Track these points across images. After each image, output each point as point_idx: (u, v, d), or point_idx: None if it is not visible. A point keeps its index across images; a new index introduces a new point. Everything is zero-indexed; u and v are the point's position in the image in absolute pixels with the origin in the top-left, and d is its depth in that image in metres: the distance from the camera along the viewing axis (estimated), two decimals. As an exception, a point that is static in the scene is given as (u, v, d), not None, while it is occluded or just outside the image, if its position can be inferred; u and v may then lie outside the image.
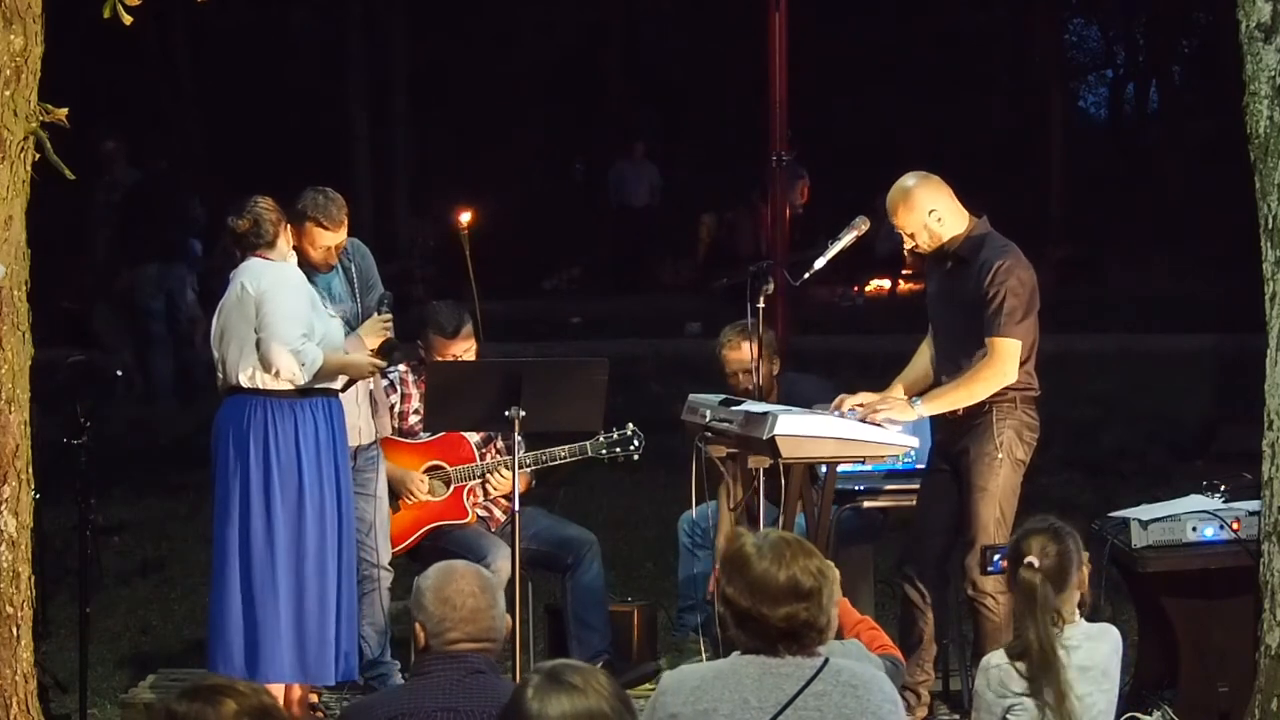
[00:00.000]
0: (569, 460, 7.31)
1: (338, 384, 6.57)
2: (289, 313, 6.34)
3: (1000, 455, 6.45)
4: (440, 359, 7.19)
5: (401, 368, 7.36)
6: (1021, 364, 6.48)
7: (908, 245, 6.66)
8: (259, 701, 3.49)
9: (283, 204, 6.57)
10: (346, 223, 6.88)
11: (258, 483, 6.36)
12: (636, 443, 7.30)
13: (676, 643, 7.28)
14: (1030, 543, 5.10)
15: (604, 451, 7.29)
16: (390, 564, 7.07)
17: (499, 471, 7.23)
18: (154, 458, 12.01)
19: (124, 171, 14.02)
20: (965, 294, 6.54)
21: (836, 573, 5.20)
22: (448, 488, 7.26)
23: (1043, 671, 4.97)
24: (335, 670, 6.47)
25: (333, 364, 6.44)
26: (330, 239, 6.83)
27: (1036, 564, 5.05)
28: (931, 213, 6.53)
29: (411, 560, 7.22)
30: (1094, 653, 5.06)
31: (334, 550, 6.45)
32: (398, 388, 7.33)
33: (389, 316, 6.95)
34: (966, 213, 6.60)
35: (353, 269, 7.05)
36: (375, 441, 7.00)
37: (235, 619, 6.37)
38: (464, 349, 7.23)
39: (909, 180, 6.61)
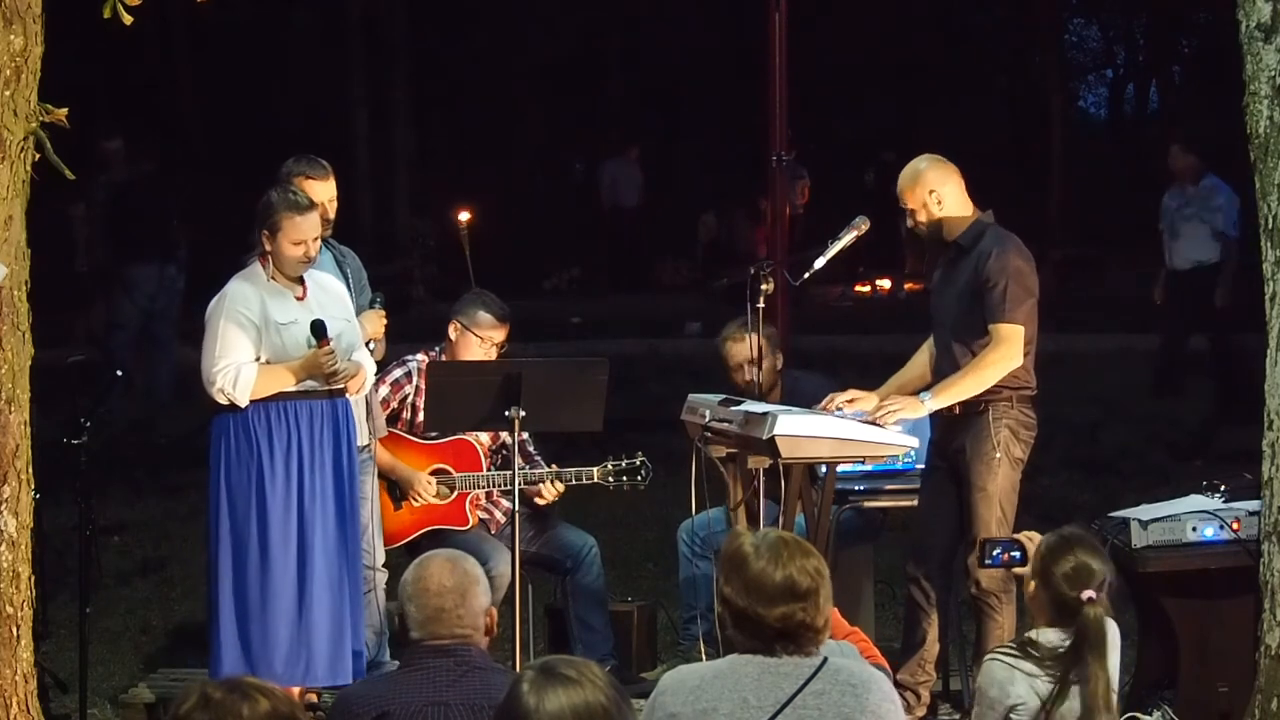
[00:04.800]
0: (573, 484, 7.30)
1: (354, 385, 6.54)
2: (211, 339, 6.36)
3: (998, 455, 6.46)
4: (476, 336, 7.20)
5: (420, 357, 7.35)
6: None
7: (909, 222, 6.72)
8: (290, 710, 3.48)
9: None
10: (333, 177, 6.98)
11: (251, 487, 6.34)
12: (644, 473, 7.29)
13: (683, 651, 7.28)
14: (1086, 566, 4.93)
15: (610, 480, 7.28)
16: (386, 563, 7.06)
17: (546, 488, 7.21)
18: (154, 458, 12.01)
19: (122, 171, 14.01)
20: (963, 282, 6.60)
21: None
22: (451, 493, 7.25)
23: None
24: (340, 670, 6.45)
25: (278, 372, 6.36)
26: (322, 191, 6.87)
27: (1096, 596, 4.89)
28: (932, 193, 6.61)
29: (410, 557, 7.20)
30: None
31: (338, 549, 6.43)
32: (413, 378, 7.31)
33: (383, 312, 7.09)
34: (971, 203, 6.66)
35: (348, 271, 7.07)
36: (369, 444, 6.98)
37: (232, 625, 6.35)
38: (502, 340, 7.26)
39: (922, 162, 6.71)
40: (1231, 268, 12.55)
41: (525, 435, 7.05)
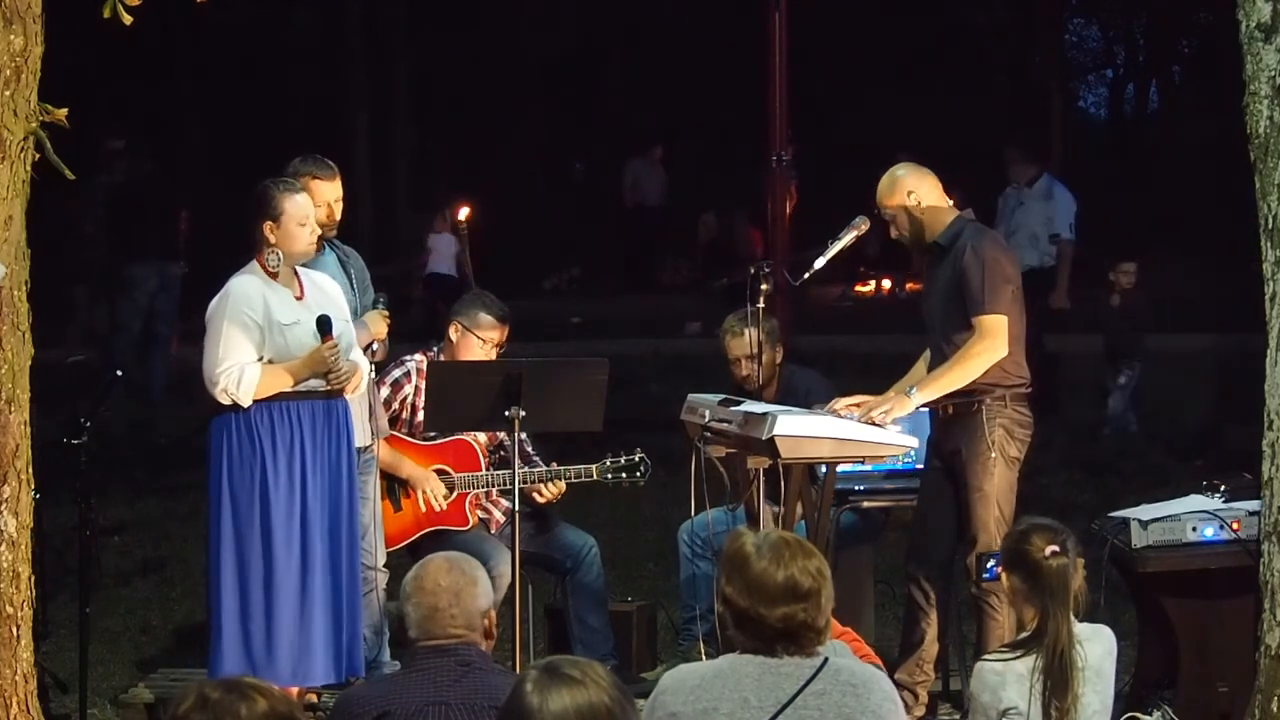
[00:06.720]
0: (573, 480, 7.29)
1: (350, 385, 6.53)
2: (214, 339, 6.33)
3: (993, 455, 6.47)
4: (478, 337, 7.21)
5: (418, 356, 7.35)
6: (1008, 355, 6.51)
7: (892, 233, 6.75)
8: (289, 710, 3.48)
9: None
10: (339, 177, 6.98)
11: (254, 488, 6.34)
12: (643, 469, 7.28)
13: (683, 651, 7.28)
14: (1040, 537, 5.10)
15: (609, 476, 7.28)
16: (387, 564, 7.06)
17: (546, 486, 7.22)
18: (154, 458, 12.00)
19: (123, 171, 14.01)
20: (944, 281, 6.64)
21: None
22: (451, 493, 7.25)
23: (1061, 665, 4.97)
24: (339, 670, 6.44)
25: (281, 371, 6.33)
26: (329, 191, 6.88)
27: (1060, 549, 5.05)
28: (911, 194, 6.63)
29: (411, 558, 7.20)
30: (1088, 653, 5.06)
31: (336, 549, 6.43)
32: (412, 378, 7.31)
33: (387, 313, 7.07)
34: (950, 205, 6.69)
35: (352, 272, 7.07)
36: (371, 445, 6.98)
37: (234, 625, 6.35)
38: (502, 340, 7.25)
39: (899, 169, 6.75)
40: (1067, 271, 12.52)
41: (524, 435, 7.05)
